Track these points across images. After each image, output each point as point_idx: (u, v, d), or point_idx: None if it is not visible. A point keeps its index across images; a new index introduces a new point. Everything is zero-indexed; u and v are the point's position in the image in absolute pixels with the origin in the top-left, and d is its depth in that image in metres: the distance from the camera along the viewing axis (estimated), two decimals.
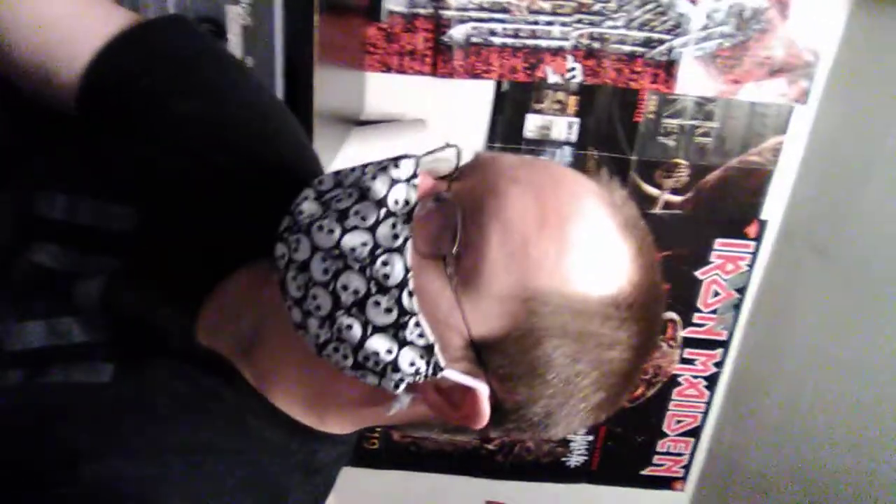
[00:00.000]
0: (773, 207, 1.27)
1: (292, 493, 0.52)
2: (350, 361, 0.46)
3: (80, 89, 0.56)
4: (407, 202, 0.45)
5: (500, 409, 0.47)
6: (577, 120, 1.19)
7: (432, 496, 1.53)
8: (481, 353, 0.45)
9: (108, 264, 0.54)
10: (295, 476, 0.52)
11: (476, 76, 1.16)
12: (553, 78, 1.17)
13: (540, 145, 1.21)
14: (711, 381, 1.42)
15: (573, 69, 1.16)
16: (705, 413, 1.45)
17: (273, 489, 0.50)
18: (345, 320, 0.45)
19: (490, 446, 1.50)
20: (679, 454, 1.49)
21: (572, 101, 1.18)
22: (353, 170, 0.48)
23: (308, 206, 0.47)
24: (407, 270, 0.44)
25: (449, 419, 0.49)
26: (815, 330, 1.24)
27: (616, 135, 1.21)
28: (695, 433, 1.47)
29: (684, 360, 1.40)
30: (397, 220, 0.45)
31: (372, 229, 0.45)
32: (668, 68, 1.16)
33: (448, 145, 0.48)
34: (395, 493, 1.52)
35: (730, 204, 1.26)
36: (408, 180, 0.45)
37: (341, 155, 1.09)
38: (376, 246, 0.44)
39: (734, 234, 1.29)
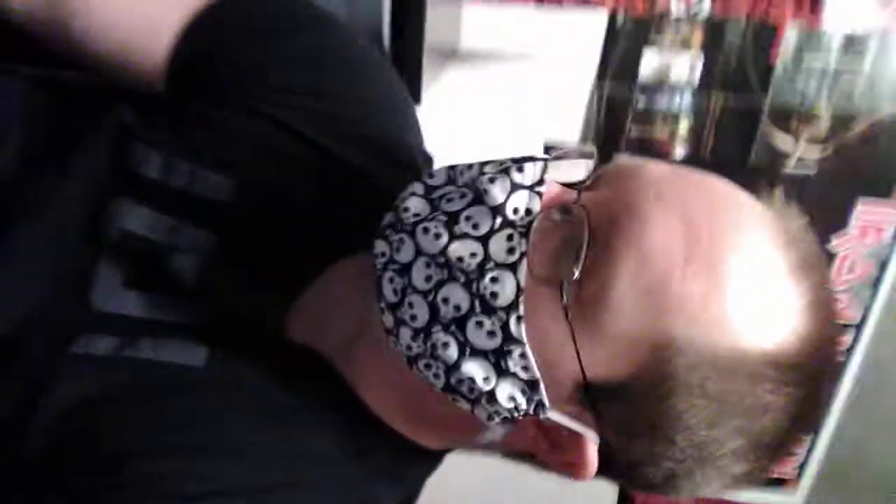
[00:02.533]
0: None
1: (378, 502, 0.48)
2: (441, 382, 0.41)
3: (169, 69, 0.54)
4: (528, 211, 0.39)
5: (612, 462, 0.41)
6: (701, 58, 1.05)
7: (507, 481, 1.42)
8: (596, 398, 0.39)
9: (202, 238, 0.51)
10: (384, 485, 0.48)
11: (587, 3, 1.02)
12: (678, 10, 1.02)
13: (657, 88, 1.07)
14: (837, 369, 1.25)
15: None
16: (827, 405, 1.28)
17: (362, 497, 0.47)
18: (441, 337, 0.40)
19: None
20: (793, 452, 1.33)
21: (697, 35, 1.03)
22: (469, 167, 0.42)
23: (415, 204, 0.42)
24: (519, 291, 0.38)
25: (548, 461, 0.43)
26: None
27: (747, 77, 1.05)
28: (813, 428, 1.30)
29: None
30: (514, 232, 0.39)
31: (484, 239, 0.39)
32: None
33: (583, 150, 0.42)
34: (464, 478, 1.41)
35: (876, 161, 1.09)
36: (531, 187, 0.39)
37: (435, 88, 0.98)
38: (487, 259, 0.39)
39: (879, 196, 1.11)
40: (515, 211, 0.39)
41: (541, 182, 0.40)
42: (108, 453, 0.42)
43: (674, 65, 1.06)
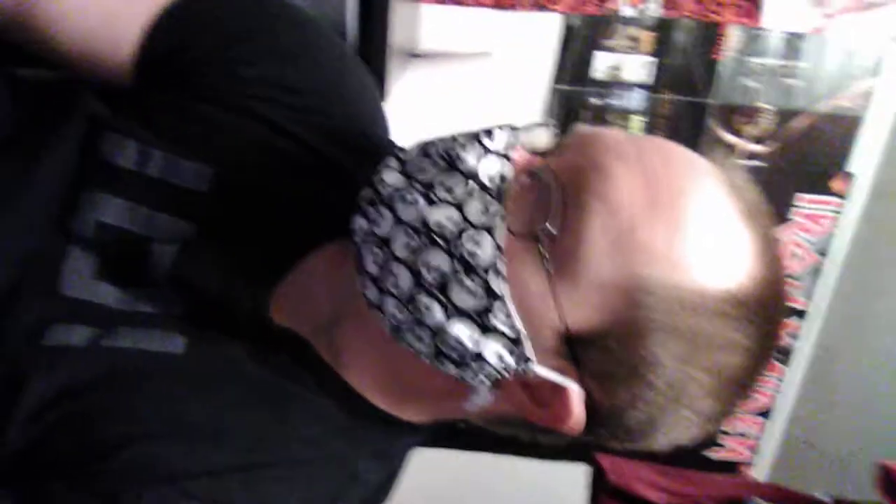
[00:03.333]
0: (864, 160, 1.16)
1: (363, 479, 0.49)
2: (429, 348, 0.43)
3: (138, 62, 0.54)
4: (501, 177, 0.41)
5: (595, 412, 0.43)
6: (651, 59, 1.09)
7: (478, 476, 1.43)
8: (576, 348, 0.41)
9: (179, 228, 0.51)
10: (367, 461, 0.49)
11: (541, 7, 1.06)
12: (626, 11, 1.07)
13: (610, 87, 1.11)
14: (787, 355, 1.30)
15: (649, 0, 1.06)
16: (780, 390, 1.33)
17: (345, 474, 0.48)
18: (425, 302, 0.41)
19: None
20: (747, 435, 1.37)
21: (647, 37, 1.08)
22: (441, 139, 0.44)
23: (391, 177, 0.43)
24: (498, 249, 0.40)
25: (535, 420, 0.44)
26: None
27: (694, 76, 1.10)
28: (767, 413, 1.35)
29: None
30: (488, 196, 0.41)
31: (460, 204, 0.41)
32: None
33: (542, 123, 0.45)
34: (436, 472, 1.42)
35: (816, 155, 1.15)
36: (502, 152, 0.42)
37: (396, 89, 1.00)
38: (465, 222, 0.41)
39: (819, 190, 1.17)
40: (489, 176, 0.41)
41: (511, 147, 0.42)
42: (94, 442, 0.42)
43: (625, 65, 1.10)
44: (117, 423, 0.43)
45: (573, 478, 1.39)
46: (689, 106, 1.12)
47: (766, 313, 0.41)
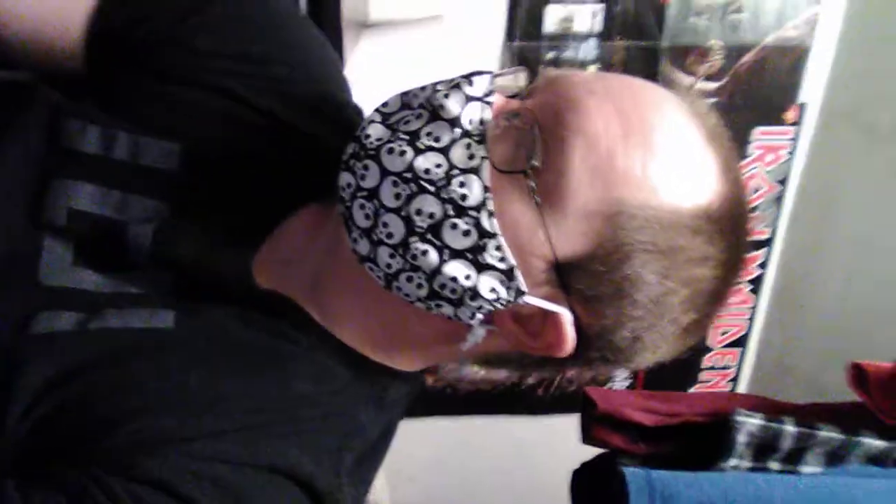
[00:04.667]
0: (813, 88, 1.19)
1: (365, 429, 0.50)
2: (425, 291, 0.44)
3: (87, 45, 0.53)
4: (482, 121, 0.43)
5: (585, 335, 0.45)
6: (601, 6, 1.10)
7: (473, 439, 1.46)
8: (565, 275, 0.43)
9: (153, 208, 0.51)
10: (367, 411, 0.50)
11: None
12: None
13: (563, 39, 1.12)
14: (756, 284, 1.34)
15: None
16: (751, 319, 1.38)
17: (347, 426, 0.49)
18: (420, 246, 0.43)
19: (530, 379, 1.42)
20: (727, 367, 1.42)
21: None
22: (422, 89, 0.45)
23: (375, 130, 0.44)
24: (486, 189, 0.42)
25: (529, 350, 0.46)
26: (866, 219, 1.17)
27: (643, 20, 1.11)
28: (742, 342, 1.40)
29: None
30: (472, 141, 0.43)
31: (446, 150, 0.43)
32: None
33: (515, 69, 0.47)
34: (433, 440, 1.44)
35: (767, 88, 1.18)
36: (482, 98, 0.43)
37: (352, 61, 0.99)
38: (452, 167, 0.42)
39: (773, 121, 1.20)
40: (471, 121, 0.43)
41: (490, 93, 0.44)
42: (95, 421, 0.42)
43: (576, 16, 1.11)
44: (115, 401, 0.43)
45: (564, 430, 1.43)
46: (642, 51, 1.13)
47: (734, 226, 0.45)
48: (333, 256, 0.48)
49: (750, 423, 0.63)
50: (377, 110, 0.46)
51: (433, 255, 0.43)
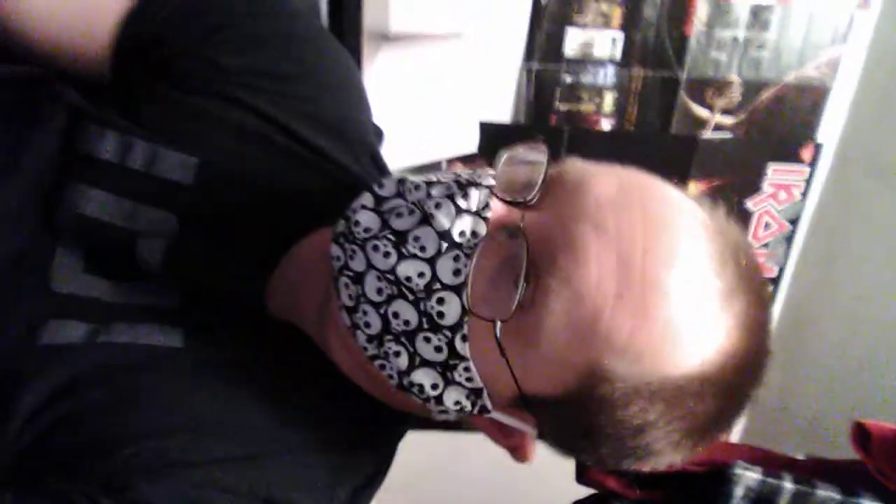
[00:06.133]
0: (830, 129, 1.18)
1: (361, 463, 0.50)
2: (395, 382, 0.44)
3: (115, 53, 0.53)
4: (474, 233, 0.41)
5: (551, 445, 0.45)
6: (621, 34, 1.09)
7: (463, 455, 1.45)
8: (532, 406, 0.42)
9: (164, 220, 0.50)
10: (364, 446, 0.50)
11: None
12: None
13: (582, 64, 1.11)
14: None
15: None
16: None
17: (344, 460, 0.49)
18: (393, 346, 0.42)
19: None
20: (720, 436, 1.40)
21: (617, 12, 1.08)
22: (417, 186, 0.43)
23: (365, 218, 0.43)
24: (464, 312, 0.40)
25: (498, 444, 0.47)
26: (875, 262, 1.16)
27: (664, 50, 1.10)
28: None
29: None
30: (461, 254, 0.41)
31: (432, 261, 0.41)
32: None
33: (535, 141, 0.43)
34: (424, 453, 1.43)
35: (785, 125, 1.17)
36: (476, 212, 0.41)
37: (370, 72, 0.99)
38: (434, 279, 0.41)
39: (788, 159, 1.19)
40: (462, 234, 0.41)
41: (486, 207, 0.41)
42: (97, 439, 0.42)
43: (596, 41, 1.10)
44: (118, 420, 0.43)
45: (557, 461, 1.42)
46: (661, 80, 1.12)
47: (735, 390, 0.42)
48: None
49: (748, 476, 0.62)
50: (372, 192, 0.44)
51: (404, 359, 0.42)
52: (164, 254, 0.48)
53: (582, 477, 0.68)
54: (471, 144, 1.10)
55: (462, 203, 0.40)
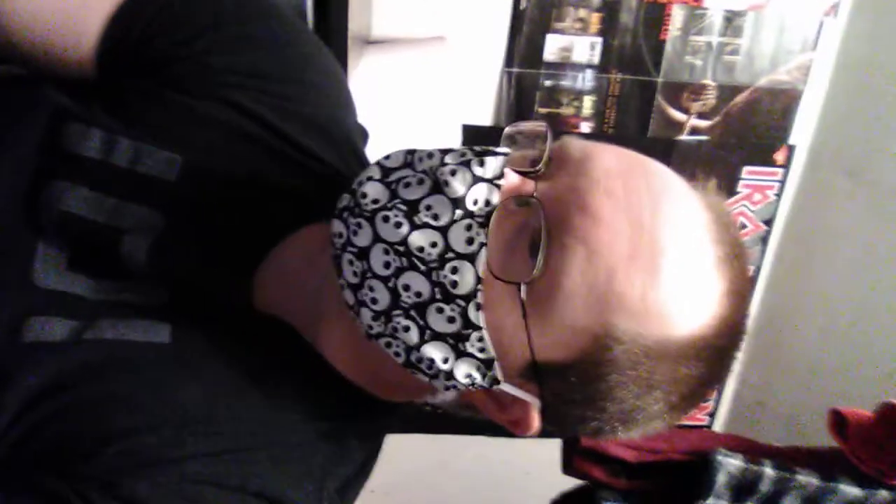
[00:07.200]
0: (803, 131, 1.21)
1: (349, 455, 0.50)
2: (402, 359, 0.44)
3: (101, 52, 0.52)
4: (488, 202, 0.41)
5: (548, 419, 0.45)
6: (599, 39, 1.12)
7: (450, 457, 1.45)
8: (541, 375, 0.42)
9: (148, 217, 0.50)
10: (352, 438, 0.50)
11: None
12: None
13: (561, 68, 1.13)
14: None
15: None
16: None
17: (333, 452, 0.49)
18: (402, 321, 0.42)
19: None
20: (704, 401, 1.43)
21: (595, 18, 1.10)
22: (430, 154, 0.43)
23: (373, 189, 0.42)
24: (478, 281, 0.40)
25: (496, 421, 0.46)
26: (848, 261, 1.19)
27: (641, 55, 1.13)
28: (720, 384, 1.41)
29: None
30: (474, 223, 0.41)
31: (444, 230, 0.41)
32: None
33: (538, 125, 0.44)
34: (410, 455, 1.43)
35: (758, 128, 1.20)
36: (491, 180, 0.41)
37: (354, 75, 1.00)
38: (448, 249, 0.40)
39: (762, 161, 1.22)
40: (475, 202, 0.41)
41: (501, 175, 0.41)
42: (84, 435, 0.42)
43: (575, 46, 1.12)
44: (106, 416, 0.43)
45: (547, 455, 1.43)
46: (638, 84, 1.15)
47: (721, 354, 0.43)
48: (331, 282, 0.47)
49: (730, 463, 0.63)
50: (378, 164, 0.44)
51: (414, 333, 0.42)
52: (149, 251, 0.48)
53: (569, 467, 0.69)
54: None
55: (478, 170, 0.41)
